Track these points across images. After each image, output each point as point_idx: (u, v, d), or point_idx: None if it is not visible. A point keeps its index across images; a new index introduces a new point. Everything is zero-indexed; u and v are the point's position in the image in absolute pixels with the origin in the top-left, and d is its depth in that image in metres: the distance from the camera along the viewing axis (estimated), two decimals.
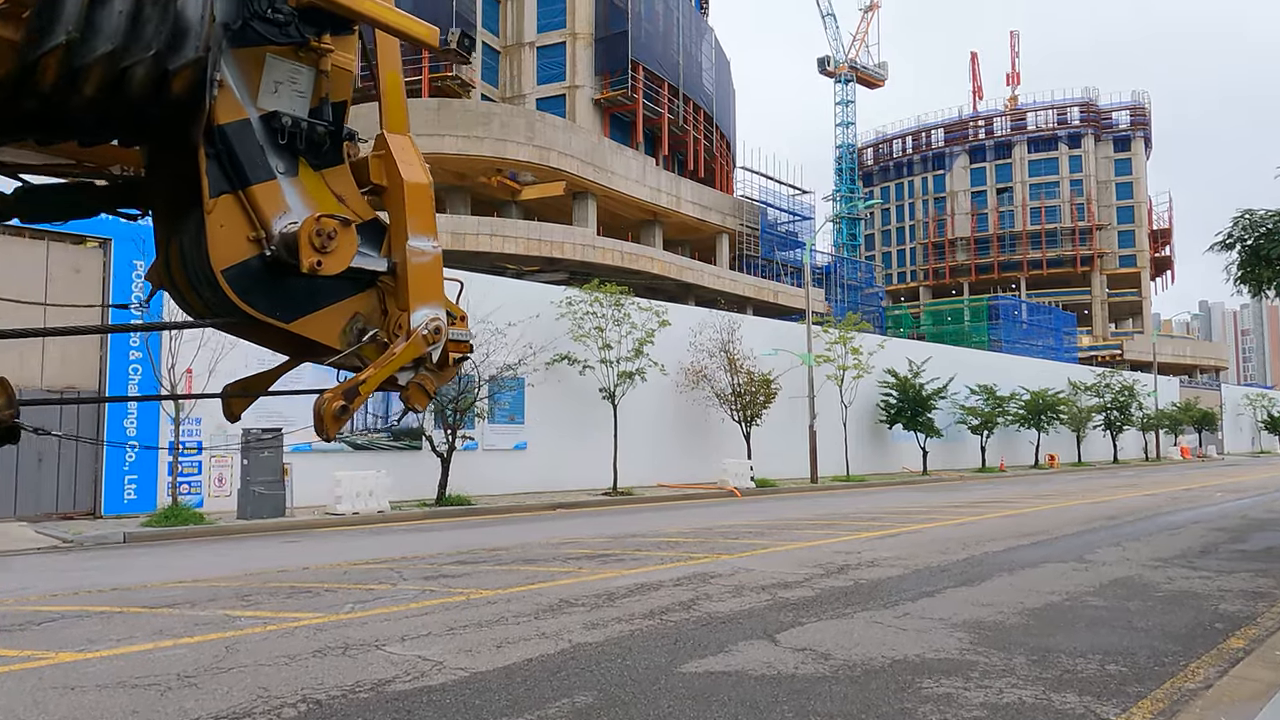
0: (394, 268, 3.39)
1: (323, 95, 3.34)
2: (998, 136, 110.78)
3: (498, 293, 21.83)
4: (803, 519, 17.09)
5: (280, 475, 17.45)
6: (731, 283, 53.29)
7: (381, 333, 3.40)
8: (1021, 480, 33.68)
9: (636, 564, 10.85)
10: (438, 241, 3.58)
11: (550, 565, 10.74)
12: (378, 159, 3.56)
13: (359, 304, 3.41)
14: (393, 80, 3.68)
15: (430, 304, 3.44)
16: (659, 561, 11.06)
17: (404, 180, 3.50)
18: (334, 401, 3.24)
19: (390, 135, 3.62)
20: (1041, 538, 13.77)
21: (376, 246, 3.42)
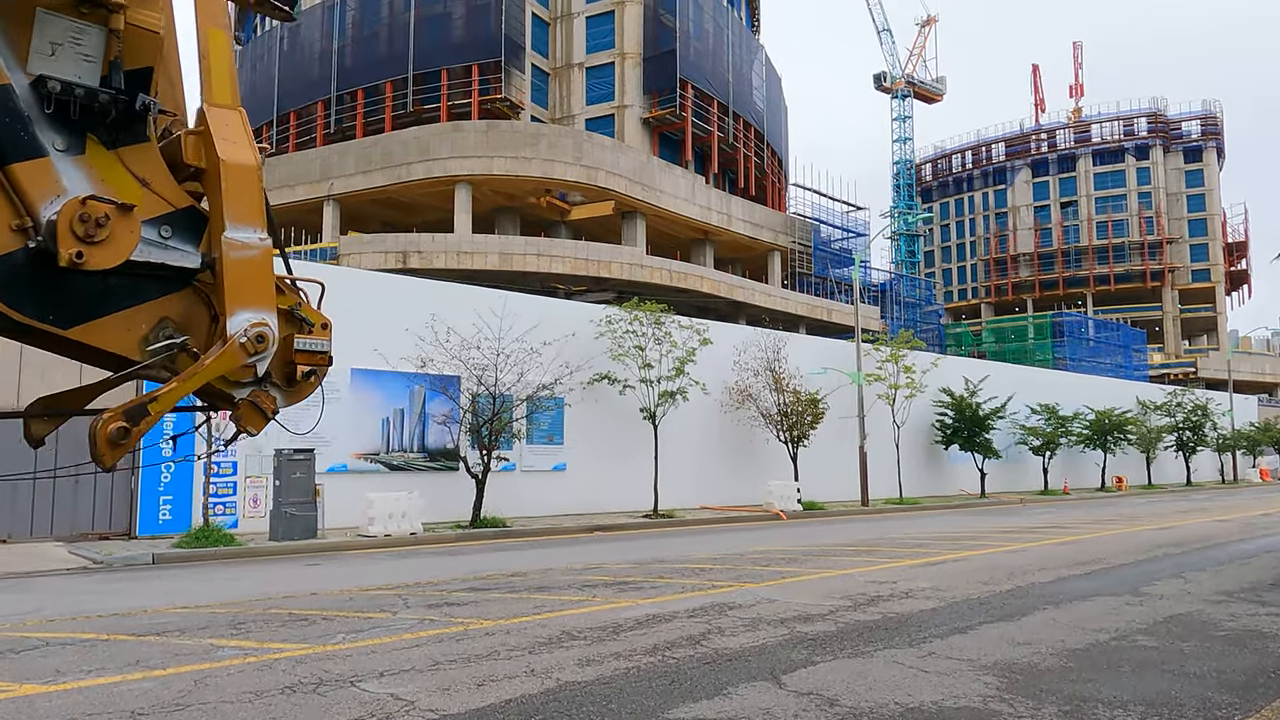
0: (212, 264, 2.93)
1: (112, 59, 2.82)
2: (1061, 149, 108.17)
3: (534, 311, 21.61)
4: (843, 544, 16.37)
5: (312, 496, 17.32)
6: (783, 301, 52.52)
7: (193, 341, 2.95)
8: (1085, 504, 32.25)
9: (655, 592, 10.33)
10: (265, 234, 3.12)
11: (564, 593, 10.29)
12: (195, 136, 3.06)
13: (168, 307, 2.95)
14: (216, 43, 3.16)
15: (254, 307, 2.98)
16: (679, 590, 10.53)
17: (221, 160, 3.00)
18: (111, 423, 2.76)
19: (211, 108, 3.11)
20: (1096, 567, 12.89)
21: (196, 240, 2.97)
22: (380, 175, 43.77)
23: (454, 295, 21.01)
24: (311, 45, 53.27)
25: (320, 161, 45.78)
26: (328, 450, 19.57)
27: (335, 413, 19.72)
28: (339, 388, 19.84)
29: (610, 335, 23.71)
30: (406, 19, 49.38)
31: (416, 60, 48.59)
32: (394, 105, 48.94)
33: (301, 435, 17.14)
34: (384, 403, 20.50)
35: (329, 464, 19.52)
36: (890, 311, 68.53)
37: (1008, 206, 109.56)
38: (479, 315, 19.36)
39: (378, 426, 20.44)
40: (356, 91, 50.59)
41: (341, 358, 15.97)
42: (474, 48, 47.67)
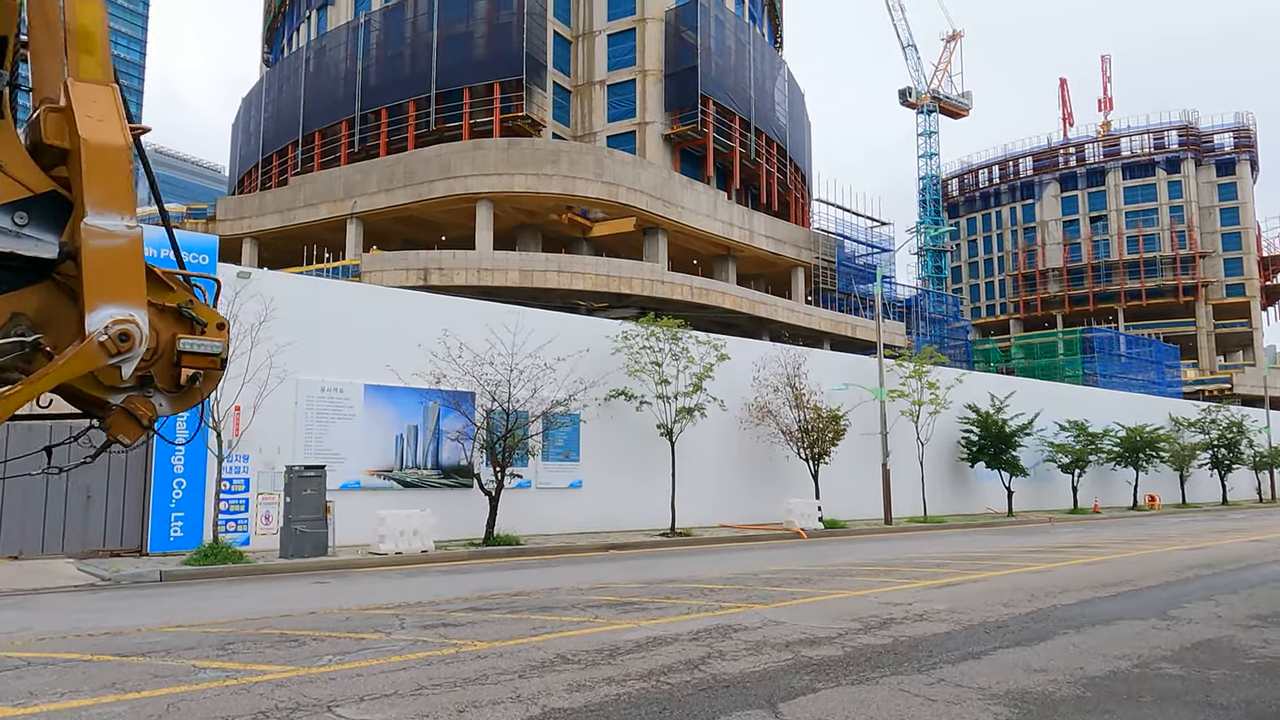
0: (74, 255, 2.67)
1: None
2: (1090, 163, 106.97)
3: (548, 327, 21.42)
4: (861, 564, 15.95)
5: (323, 514, 17.17)
6: (806, 317, 52.11)
7: (56, 339, 2.69)
8: (1115, 523, 31.47)
9: (660, 613, 10.02)
10: (134, 221, 2.84)
11: (565, 614, 10.00)
12: (56, 114, 2.80)
13: (21, 301, 2.70)
14: (86, 11, 2.88)
15: (119, 302, 2.70)
16: (685, 611, 10.21)
17: (83, 139, 2.71)
18: None
19: (76, 84, 2.83)
20: (1123, 589, 12.40)
21: (58, 228, 2.72)
22: (402, 193, 44.00)
23: (467, 311, 20.89)
24: (336, 66, 53.82)
25: (344, 180, 46.11)
26: (341, 467, 19.48)
27: (348, 429, 19.62)
28: (353, 404, 19.74)
29: (627, 351, 23.47)
30: (429, 39, 49.76)
31: (439, 79, 48.89)
32: (417, 124, 49.26)
33: (179, 445, 16.80)
34: (398, 419, 20.37)
35: (342, 481, 19.40)
36: (916, 328, 67.82)
37: (1036, 221, 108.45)
38: (492, 331, 19.21)
39: (391, 443, 20.30)
40: (380, 111, 50.99)
41: (356, 374, 15.84)
42: (496, 66, 47.92)
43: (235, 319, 17.00)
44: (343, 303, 19.82)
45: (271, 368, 17.03)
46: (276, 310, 18.04)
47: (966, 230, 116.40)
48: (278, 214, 47.85)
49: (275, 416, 18.44)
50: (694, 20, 50.35)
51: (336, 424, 19.50)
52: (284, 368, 17.81)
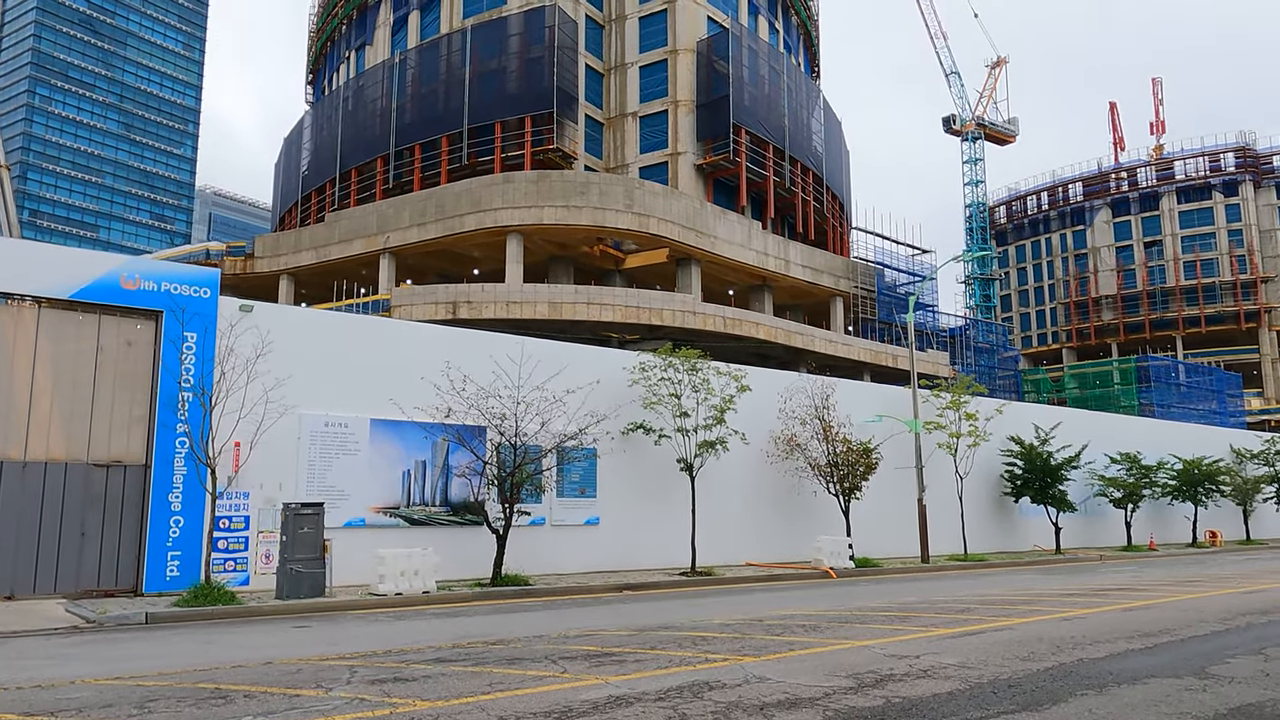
0: None
1: None
2: (1143, 188, 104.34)
3: (557, 357, 20.77)
4: (880, 608, 14.90)
5: (320, 553, 16.62)
6: (845, 347, 50.92)
7: None
8: (1170, 561, 29.71)
9: (636, 668, 9.18)
10: None
11: (533, 667, 9.21)
12: None
13: None
14: None
15: None
16: (664, 665, 9.36)
17: None
18: None
19: None
20: (1163, 639, 11.24)
21: None
22: (434, 227, 44.02)
23: (469, 342, 20.36)
24: (373, 104, 54.46)
25: (377, 215, 46.34)
26: (345, 504, 18.96)
27: (353, 465, 19.12)
28: (358, 439, 19.25)
29: (644, 383, 22.75)
30: (463, 75, 50.10)
31: (471, 114, 49.11)
32: (450, 159, 49.47)
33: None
34: (405, 455, 19.82)
35: (346, 518, 18.88)
36: (962, 358, 66.09)
37: (1088, 248, 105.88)
38: (496, 363, 18.63)
39: (398, 479, 19.74)
40: (414, 147, 51.35)
41: (361, 408, 15.29)
42: (527, 100, 48.00)
43: (231, 352, 16.69)
44: (344, 335, 19.42)
45: (268, 402, 16.62)
46: (276, 344, 17.66)
47: (1015, 258, 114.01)
48: (313, 250, 48.23)
49: (277, 452, 18.01)
50: (726, 50, 50.03)
51: (341, 459, 19.00)
52: (285, 402, 17.40)
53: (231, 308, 18.00)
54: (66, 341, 16.52)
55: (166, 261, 18.87)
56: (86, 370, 16.63)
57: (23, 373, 16.06)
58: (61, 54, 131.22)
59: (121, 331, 17.11)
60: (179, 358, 17.15)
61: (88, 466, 16.47)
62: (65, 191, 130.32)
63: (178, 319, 17.21)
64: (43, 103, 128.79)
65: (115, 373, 16.92)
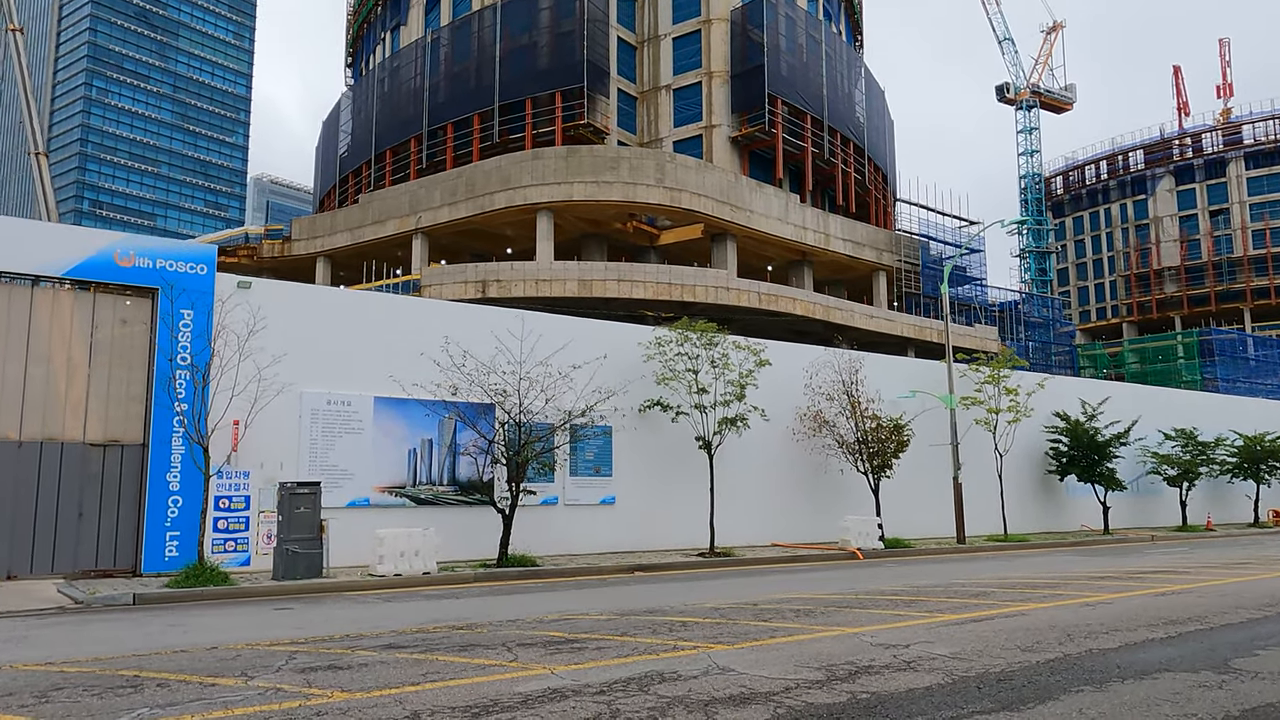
0: None
1: None
2: (1208, 154, 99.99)
3: (562, 331, 20.10)
4: (892, 592, 14.03)
5: (317, 533, 16.26)
6: (887, 322, 49.50)
7: None
8: (1226, 542, 28.16)
9: (596, 656, 8.53)
10: None
11: (485, 655, 8.61)
12: None
13: None
14: None
15: None
16: (627, 653, 8.68)
17: None
18: None
19: None
20: (1190, 628, 10.25)
21: None
22: (464, 206, 43.66)
23: (469, 316, 19.82)
24: (407, 84, 54.23)
25: (409, 196, 46.13)
26: (349, 484, 18.62)
27: (357, 444, 18.75)
28: (361, 418, 18.86)
29: (660, 358, 22.02)
30: (494, 52, 49.53)
31: (502, 91, 48.55)
32: (481, 137, 49.02)
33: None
34: (410, 433, 19.39)
35: (349, 498, 18.53)
36: (1013, 332, 64.07)
37: (1149, 218, 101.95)
38: (496, 338, 18.04)
39: (403, 458, 19.33)
40: (447, 126, 51.00)
41: (364, 386, 14.78)
42: (558, 75, 47.28)
43: (225, 329, 16.36)
44: (345, 312, 19.01)
45: (261, 380, 16.28)
46: (276, 322, 17.34)
47: (1073, 230, 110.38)
48: (348, 232, 48.25)
49: (278, 431, 17.71)
50: (760, 18, 48.66)
51: (344, 438, 18.63)
52: (285, 380, 17.08)
53: (229, 285, 17.68)
54: (61, 319, 16.33)
55: (162, 238, 18.60)
56: (82, 349, 16.45)
57: (17, 351, 15.91)
58: (117, 46, 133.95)
59: (117, 309, 16.88)
60: (175, 335, 16.87)
61: (84, 446, 16.30)
62: (123, 181, 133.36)
63: (174, 296, 16.92)
64: (100, 95, 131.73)
65: (111, 351, 16.71)
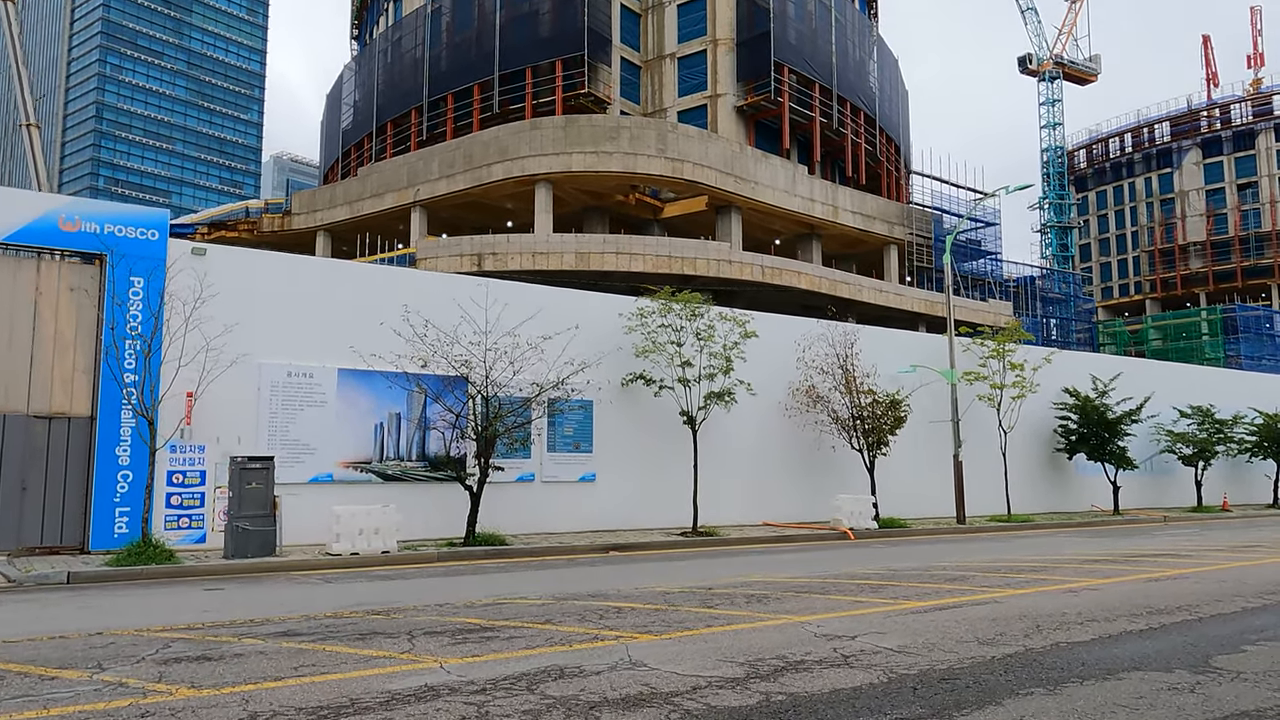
0: None
1: None
2: (1237, 125, 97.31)
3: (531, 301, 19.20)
4: (864, 575, 13.14)
5: (270, 509, 15.57)
6: (897, 297, 48.28)
7: None
8: (1243, 524, 27.03)
9: (501, 646, 7.72)
10: None
11: (380, 645, 7.82)
12: None
13: None
14: None
15: None
16: (542, 643, 7.87)
17: None
18: None
19: None
20: (1176, 618, 9.31)
21: None
22: (462, 178, 42.79)
23: (429, 284, 19.02)
24: (409, 54, 53.27)
25: (407, 168, 45.31)
26: (311, 459, 17.91)
27: (320, 417, 18.02)
28: (325, 390, 18.12)
29: (642, 330, 21.14)
30: (495, 20, 48.44)
31: (502, 60, 47.50)
32: (481, 107, 48.04)
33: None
34: (377, 406, 18.64)
35: (312, 474, 17.85)
36: (1030, 308, 62.59)
37: (1174, 192, 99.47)
38: (459, 306, 17.20)
39: (369, 433, 18.59)
40: (447, 97, 50.04)
41: (327, 357, 13.92)
42: (559, 43, 46.15)
43: (173, 297, 15.66)
44: (306, 280, 18.22)
45: (209, 350, 15.54)
46: (235, 290, 16.67)
47: (1096, 204, 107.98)
48: (346, 205, 47.54)
49: (236, 404, 17.03)
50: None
51: (306, 412, 17.91)
52: (239, 350, 16.36)
53: (183, 251, 16.95)
54: (2, 287, 15.65)
55: (110, 202, 17.89)
56: (24, 317, 15.77)
57: None
58: (130, 22, 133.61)
59: (63, 276, 16.18)
60: (125, 304, 16.16)
61: (27, 419, 15.66)
62: (138, 159, 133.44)
63: (123, 263, 16.21)
64: (114, 71, 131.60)
65: (57, 320, 16.03)
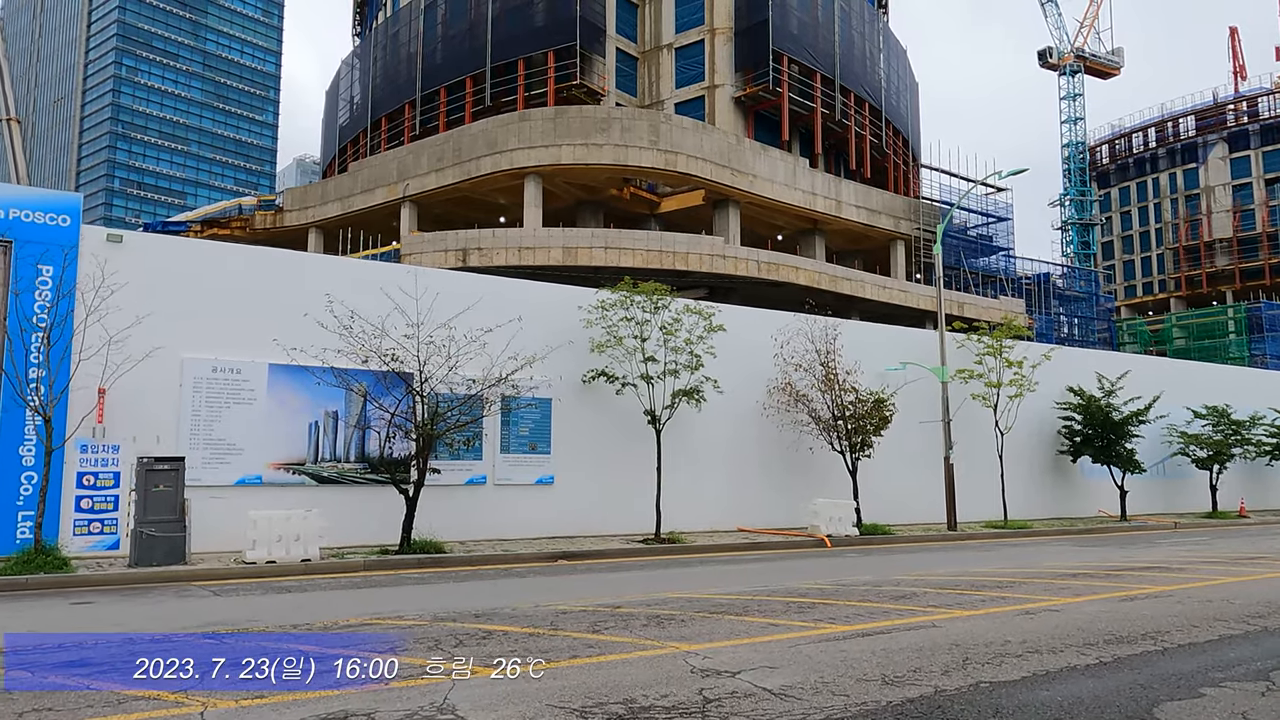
0: None
1: None
2: (1265, 119, 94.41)
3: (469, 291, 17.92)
4: (802, 591, 11.78)
5: (180, 514, 14.47)
6: (903, 294, 46.69)
7: None
8: (1259, 531, 25.34)
9: (308, 682, 6.49)
10: None
11: (158, 684, 6.62)
12: None
13: None
14: None
15: None
16: (353, 680, 6.63)
17: None
18: None
19: None
20: (1135, 649, 7.91)
21: None
22: (451, 172, 41.73)
23: (352, 272, 17.91)
24: (403, 48, 52.38)
25: (397, 163, 44.34)
26: (238, 459, 16.79)
27: (248, 416, 16.89)
28: (254, 387, 17.00)
29: (602, 323, 19.87)
30: (488, 11, 47.36)
31: (495, 52, 46.42)
32: (474, 100, 47.00)
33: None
34: (311, 404, 17.48)
35: (239, 475, 16.73)
36: (1045, 305, 60.71)
37: (1200, 187, 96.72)
38: (388, 296, 16.01)
39: (303, 432, 17.44)
40: (440, 90, 49.04)
41: (257, 352, 12.62)
42: (551, 34, 45.00)
43: (83, 285, 14.61)
44: (227, 270, 17.09)
45: (112, 343, 14.45)
46: (151, 280, 15.62)
47: (1119, 201, 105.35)
48: (338, 201, 46.65)
49: (156, 401, 15.97)
50: None
51: (233, 409, 16.79)
52: (155, 343, 15.28)
53: (98, 238, 15.90)
54: None
55: (15, 186, 16.84)
56: None
57: None
58: (146, 25, 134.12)
59: None
60: (32, 292, 15.12)
61: None
62: (154, 160, 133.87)
63: (29, 250, 15.17)
64: (129, 73, 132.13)
65: None
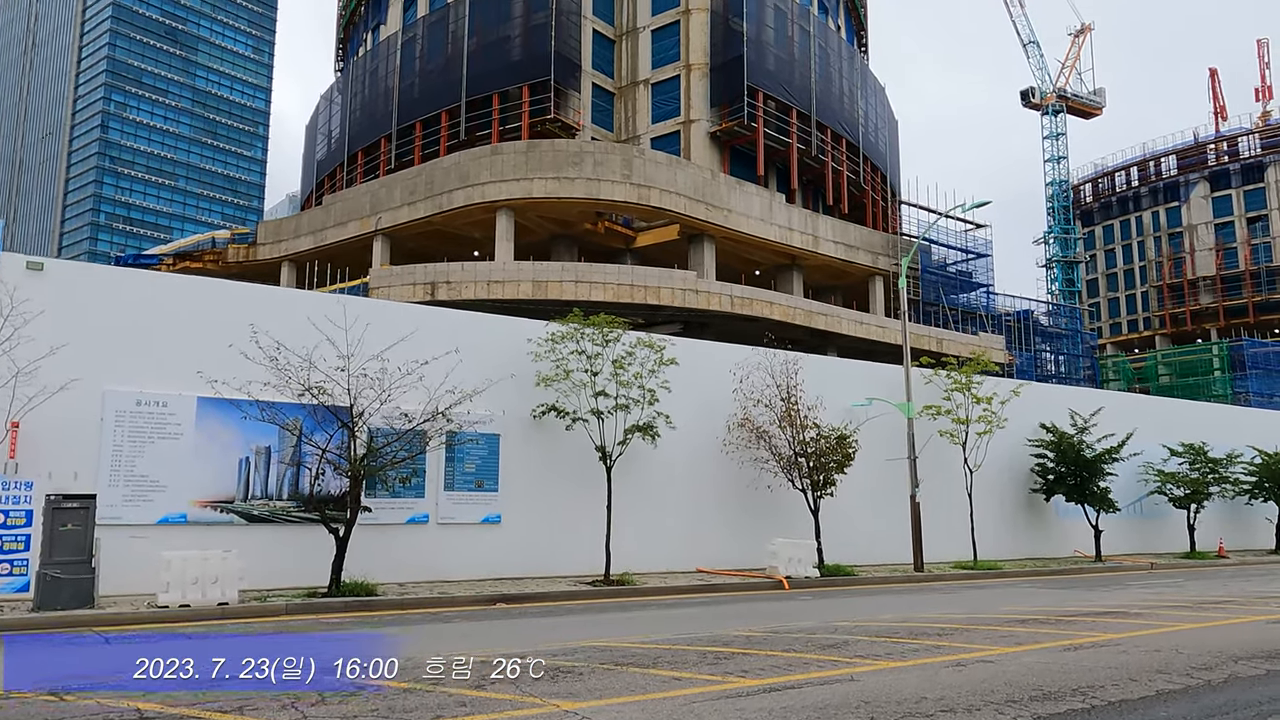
0: None
1: None
2: (1245, 158, 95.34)
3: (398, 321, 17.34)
4: (729, 638, 11.07)
5: (88, 555, 13.75)
6: (880, 330, 46.26)
7: None
8: (1231, 573, 24.69)
9: None
10: None
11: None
12: None
13: None
14: None
15: None
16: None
17: None
18: None
19: None
20: (1059, 707, 7.25)
21: None
22: (424, 206, 41.38)
23: (277, 300, 17.32)
24: (381, 83, 52.34)
25: (370, 196, 43.99)
26: (161, 497, 16.06)
27: (173, 452, 16.19)
28: (180, 421, 16.32)
29: (552, 357, 19.29)
30: (465, 47, 47.36)
31: (470, 86, 46.33)
32: (449, 134, 46.81)
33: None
34: (243, 440, 16.79)
35: (162, 514, 15.98)
36: (1027, 342, 60.41)
37: (1182, 226, 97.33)
38: (316, 326, 15.41)
39: (233, 468, 16.73)
40: (415, 124, 48.88)
41: (185, 385, 11.75)
42: (527, 69, 44.95)
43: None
44: (149, 299, 16.49)
45: (20, 376, 13.81)
46: (72, 309, 15.02)
47: (1103, 239, 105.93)
48: (311, 235, 46.22)
49: (74, 436, 15.27)
50: (742, 8, 45.93)
51: (157, 445, 16.09)
52: (70, 375, 14.63)
53: (17, 265, 15.31)
54: None
55: None
56: None
57: None
58: (136, 61, 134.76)
59: None
60: None
61: None
62: (140, 195, 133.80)
63: None
64: (118, 109, 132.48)
65: None
